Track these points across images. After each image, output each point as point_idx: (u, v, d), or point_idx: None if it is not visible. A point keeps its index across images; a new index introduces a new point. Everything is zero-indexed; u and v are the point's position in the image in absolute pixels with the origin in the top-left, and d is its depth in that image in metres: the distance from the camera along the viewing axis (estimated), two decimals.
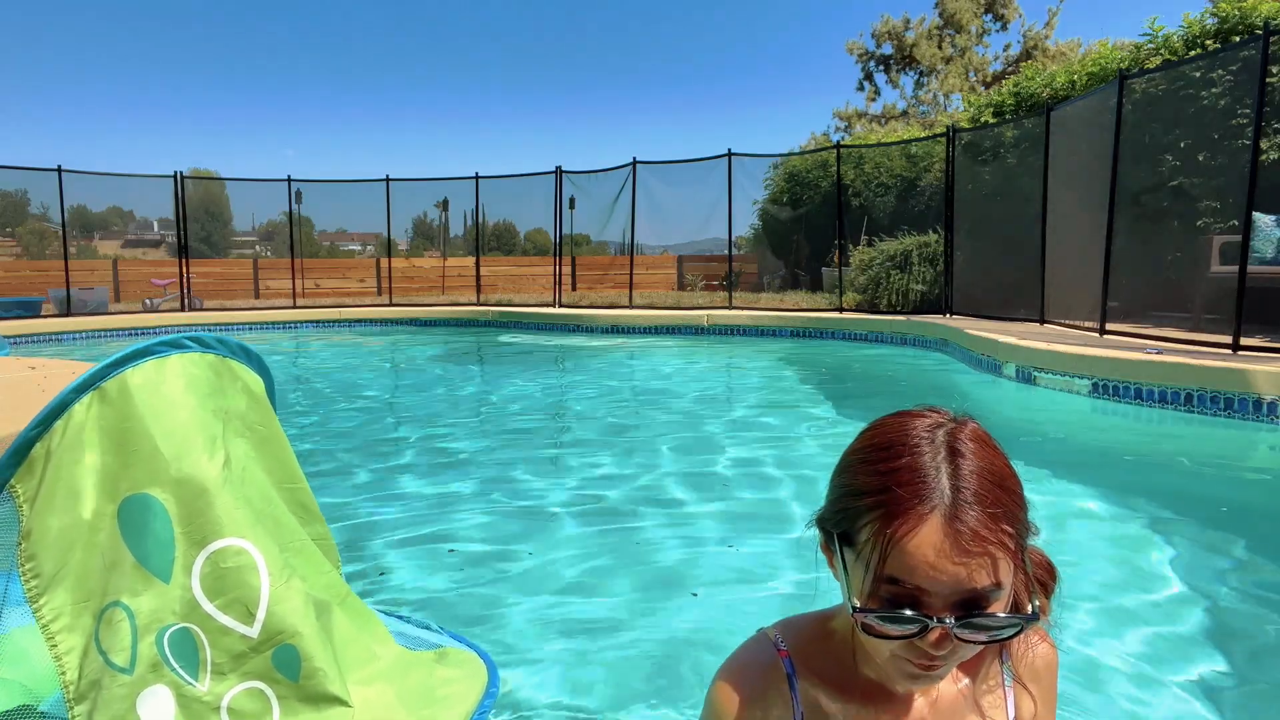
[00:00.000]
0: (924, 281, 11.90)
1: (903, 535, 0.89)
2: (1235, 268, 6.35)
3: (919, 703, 1.07)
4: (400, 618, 2.21)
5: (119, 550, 1.49)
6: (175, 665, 1.46)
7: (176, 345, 1.63)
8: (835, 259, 13.60)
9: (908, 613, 0.90)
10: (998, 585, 0.91)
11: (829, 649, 1.07)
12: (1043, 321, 9.15)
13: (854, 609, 0.93)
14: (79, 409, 1.53)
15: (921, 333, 10.34)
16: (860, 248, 13.54)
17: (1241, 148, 7.74)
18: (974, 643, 0.92)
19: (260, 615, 1.48)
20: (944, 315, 11.12)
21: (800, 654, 1.07)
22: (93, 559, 1.49)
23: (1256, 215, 6.96)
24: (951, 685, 1.09)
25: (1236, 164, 7.85)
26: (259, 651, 1.48)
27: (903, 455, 0.94)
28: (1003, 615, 0.91)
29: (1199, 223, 8.47)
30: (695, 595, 2.77)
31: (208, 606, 1.47)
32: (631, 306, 14.80)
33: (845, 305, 12.80)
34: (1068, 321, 8.71)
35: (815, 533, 1.05)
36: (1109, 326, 7.70)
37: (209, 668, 1.46)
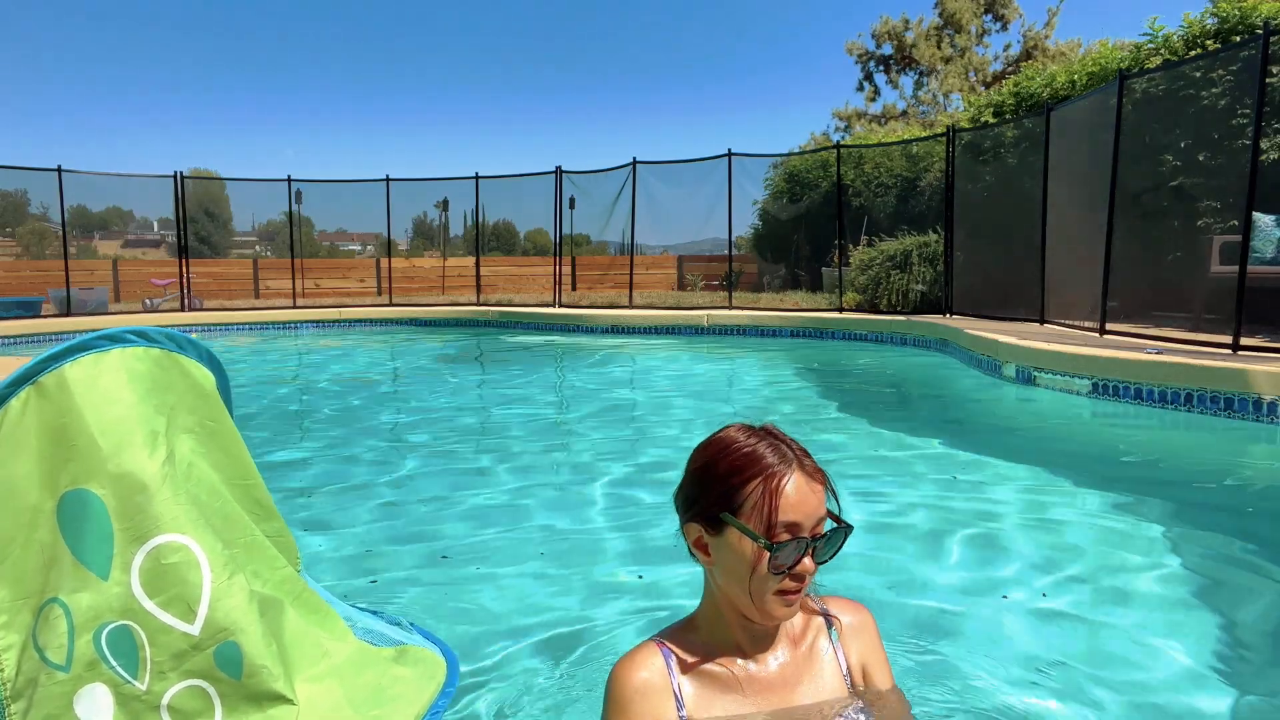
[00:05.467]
0: (924, 281, 11.89)
1: (783, 487, 1.31)
2: (1235, 268, 6.33)
3: (772, 664, 1.41)
4: (374, 613, 2.20)
5: (58, 546, 1.46)
6: (113, 663, 1.42)
7: (117, 339, 1.59)
8: (835, 259, 13.59)
9: (804, 536, 1.30)
10: (828, 511, 1.35)
11: (696, 638, 1.43)
12: (1043, 321, 9.14)
13: (769, 546, 1.29)
14: (16, 404, 1.49)
15: (921, 333, 10.32)
16: (860, 248, 13.53)
17: (1241, 148, 7.71)
18: (829, 557, 1.34)
19: (201, 612, 1.45)
20: (944, 315, 11.10)
21: (675, 644, 1.42)
22: (31, 555, 1.46)
23: (1256, 215, 6.94)
24: (793, 649, 1.44)
25: (1236, 164, 7.83)
26: (200, 649, 1.44)
27: (749, 443, 1.36)
28: (838, 526, 1.34)
29: (1199, 223, 8.44)
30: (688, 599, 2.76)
31: (147, 604, 1.44)
32: (631, 306, 14.79)
33: (845, 305, 12.78)
34: (1068, 321, 8.69)
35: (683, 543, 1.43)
36: (1109, 326, 7.68)
37: (149, 666, 1.43)
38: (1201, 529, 3.41)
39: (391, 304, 17.19)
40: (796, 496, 1.30)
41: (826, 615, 1.52)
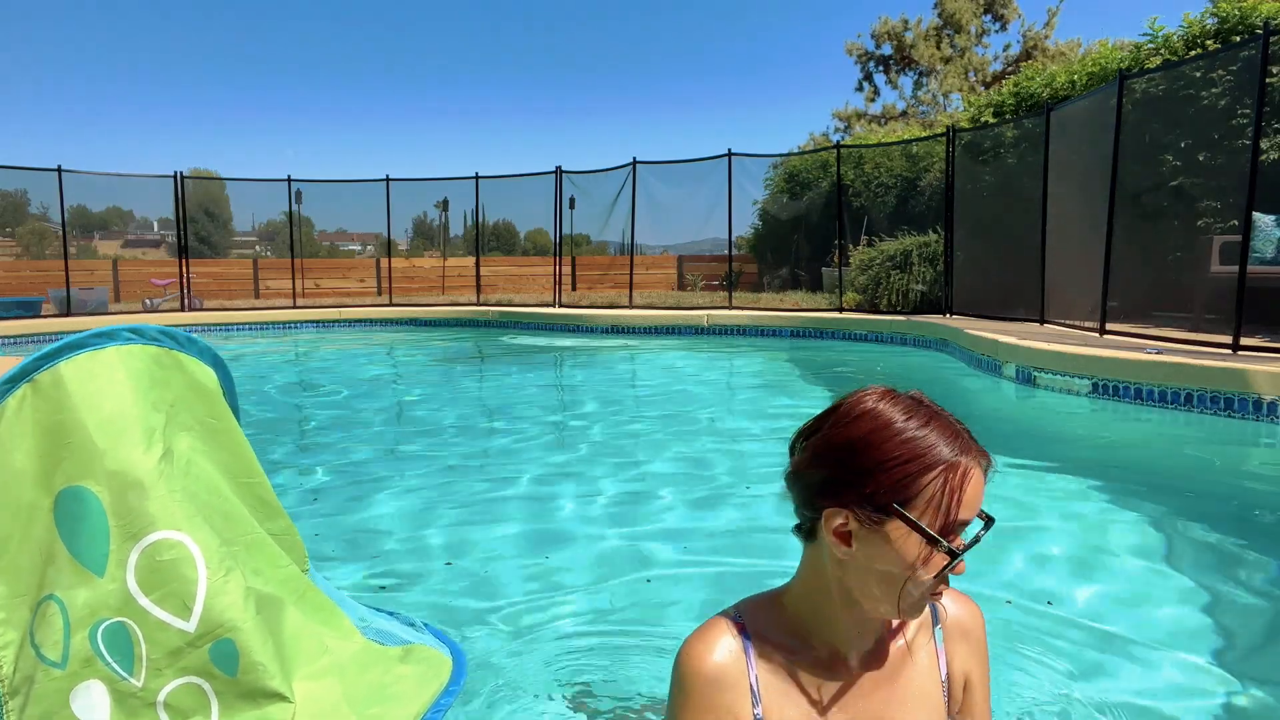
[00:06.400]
0: (924, 281, 11.89)
1: (968, 483, 1.11)
2: (1235, 268, 6.33)
3: (865, 662, 1.23)
4: (390, 614, 2.20)
5: (54, 544, 1.46)
6: (110, 660, 1.43)
7: (113, 337, 1.60)
8: (835, 259, 13.59)
9: (966, 539, 1.12)
10: None
11: (782, 621, 1.22)
12: (1043, 321, 9.13)
13: (951, 551, 1.10)
14: (12, 402, 1.49)
15: (921, 333, 10.33)
16: (860, 248, 13.53)
17: (1241, 148, 7.72)
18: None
19: (197, 609, 1.45)
20: (944, 315, 11.10)
21: (755, 626, 1.21)
22: (28, 553, 1.47)
23: (1256, 215, 6.93)
24: (890, 643, 1.25)
25: (1236, 164, 7.83)
26: (196, 646, 1.44)
27: (917, 425, 1.13)
28: (982, 524, 1.16)
29: (1199, 223, 8.45)
30: (689, 600, 2.76)
31: (143, 601, 1.44)
32: (631, 306, 14.79)
33: (845, 305, 12.78)
34: (1068, 321, 8.69)
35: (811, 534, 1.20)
36: (1109, 326, 7.68)
37: (145, 663, 1.43)
38: (1202, 529, 3.41)
39: (391, 304, 17.18)
40: (974, 493, 1.11)
41: (933, 605, 1.29)
